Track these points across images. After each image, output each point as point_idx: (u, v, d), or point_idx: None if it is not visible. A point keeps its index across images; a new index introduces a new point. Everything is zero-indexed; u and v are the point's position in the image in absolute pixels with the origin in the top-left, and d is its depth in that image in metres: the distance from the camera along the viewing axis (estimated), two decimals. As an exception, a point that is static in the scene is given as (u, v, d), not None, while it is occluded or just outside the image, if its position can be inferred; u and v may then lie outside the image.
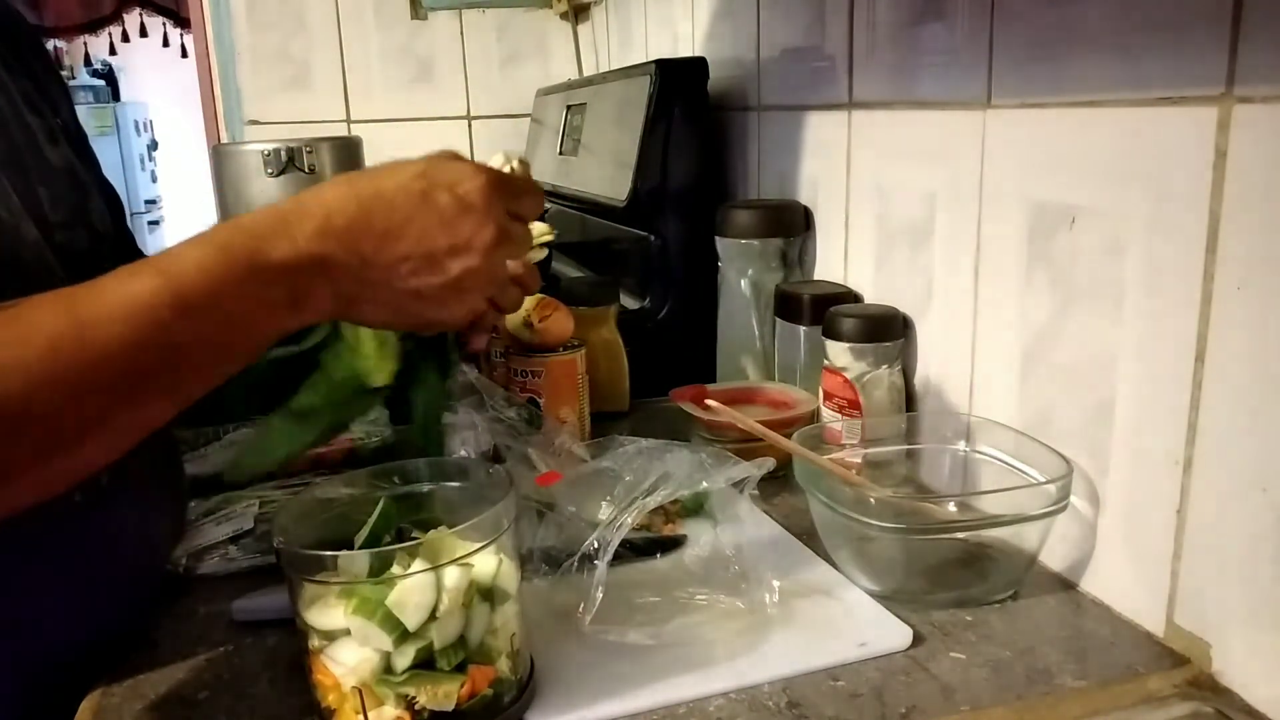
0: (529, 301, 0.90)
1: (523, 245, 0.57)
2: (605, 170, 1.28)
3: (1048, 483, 0.64)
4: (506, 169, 0.60)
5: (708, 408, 0.87)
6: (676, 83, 1.16)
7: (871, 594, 0.66)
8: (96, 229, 0.66)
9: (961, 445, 0.77)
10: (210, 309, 0.46)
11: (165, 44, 4.70)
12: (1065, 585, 0.68)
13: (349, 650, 0.50)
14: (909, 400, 0.87)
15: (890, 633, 0.61)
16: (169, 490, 0.72)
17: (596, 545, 0.71)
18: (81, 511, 0.58)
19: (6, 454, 0.41)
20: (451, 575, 0.50)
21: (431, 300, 0.52)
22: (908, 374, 0.87)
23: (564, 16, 1.90)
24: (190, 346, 0.46)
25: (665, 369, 1.07)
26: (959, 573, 0.68)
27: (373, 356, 0.59)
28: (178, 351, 0.45)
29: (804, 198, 1.05)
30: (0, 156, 0.57)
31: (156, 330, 0.44)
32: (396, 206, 0.50)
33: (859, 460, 0.78)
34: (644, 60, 1.23)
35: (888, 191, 0.89)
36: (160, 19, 4.44)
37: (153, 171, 6.06)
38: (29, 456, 0.42)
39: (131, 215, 3.66)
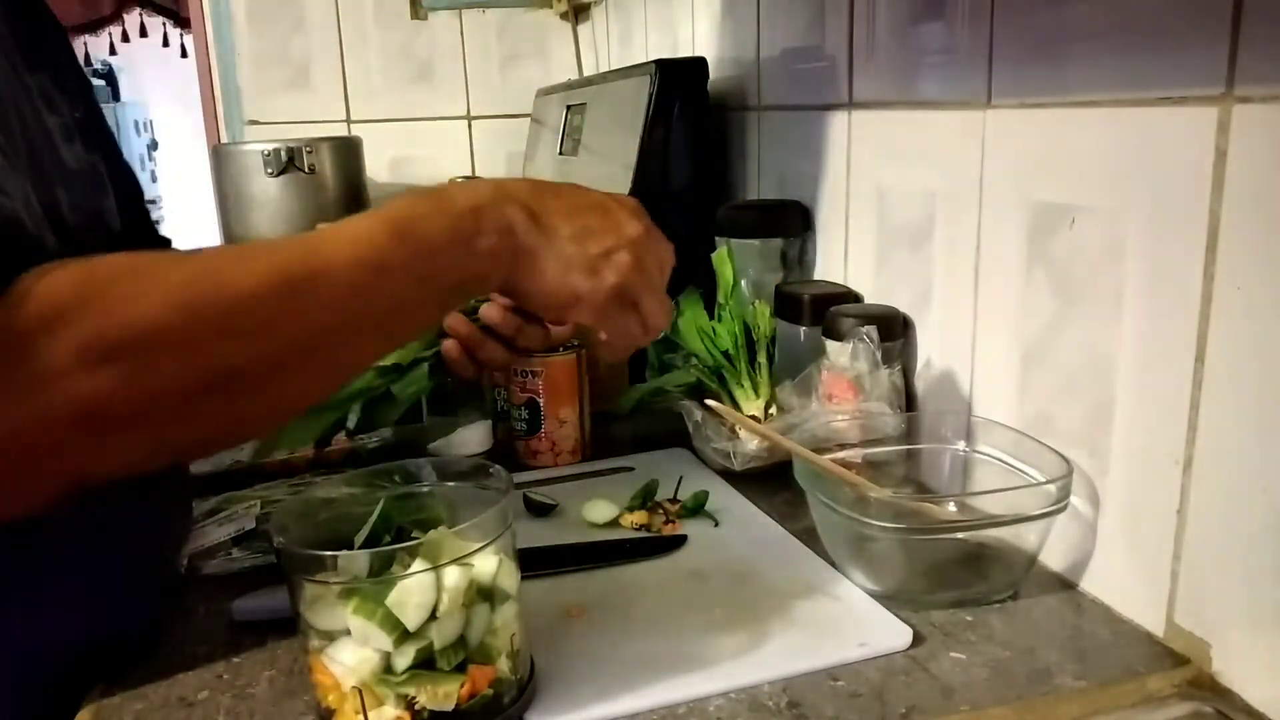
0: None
1: (665, 263, 0.66)
2: (605, 170, 1.28)
3: (1048, 483, 0.64)
4: None
5: (710, 408, 0.87)
6: (676, 83, 1.16)
7: (871, 594, 0.66)
8: (111, 229, 0.66)
9: (961, 445, 0.77)
10: (415, 236, 0.51)
11: (165, 44, 4.69)
12: (1065, 585, 0.68)
13: (349, 650, 0.50)
14: (909, 400, 0.87)
15: (890, 633, 0.61)
16: (180, 496, 0.72)
17: (598, 545, 0.70)
18: (97, 520, 0.58)
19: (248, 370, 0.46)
20: (451, 575, 0.50)
21: (587, 266, 0.58)
22: (908, 374, 0.87)
23: (564, 16, 1.90)
24: (400, 274, 0.50)
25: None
26: (959, 573, 0.68)
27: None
28: (392, 276, 0.50)
29: (804, 198, 1.05)
30: (22, 163, 0.55)
31: (373, 251, 0.49)
32: (561, 193, 0.59)
33: (859, 460, 0.78)
34: (644, 60, 1.23)
35: (888, 191, 0.89)
36: (160, 19, 4.43)
37: (153, 171, 6.05)
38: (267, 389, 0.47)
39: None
